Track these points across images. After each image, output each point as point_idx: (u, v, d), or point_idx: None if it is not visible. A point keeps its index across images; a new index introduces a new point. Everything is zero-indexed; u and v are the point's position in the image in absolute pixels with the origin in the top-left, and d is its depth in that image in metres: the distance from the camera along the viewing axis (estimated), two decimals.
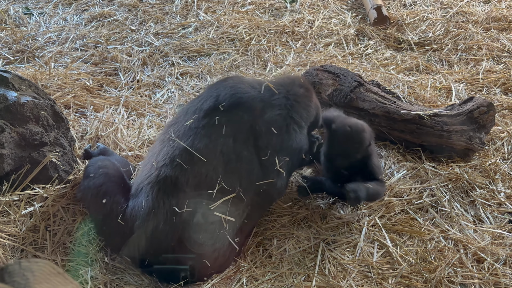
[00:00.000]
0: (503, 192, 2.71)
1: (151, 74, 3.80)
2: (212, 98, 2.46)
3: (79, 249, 2.39)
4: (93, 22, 4.43)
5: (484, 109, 2.93)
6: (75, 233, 2.44)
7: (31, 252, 2.38)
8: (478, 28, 4.12)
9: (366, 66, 3.78)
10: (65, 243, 2.46)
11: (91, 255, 2.38)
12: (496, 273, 2.28)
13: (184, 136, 2.39)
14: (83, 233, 2.43)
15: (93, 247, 2.41)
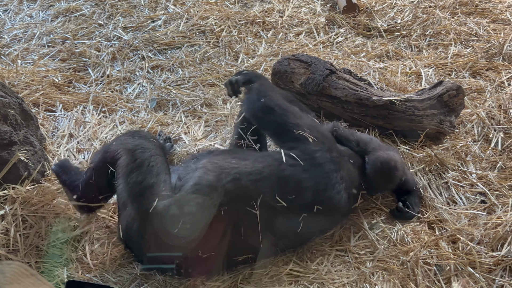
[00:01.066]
0: (475, 174, 2.76)
1: (121, 68, 3.74)
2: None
3: (53, 250, 2.35)
4: (59, 18, 4.33)
5: (453, 93, 2.96)
6: (48, 234, 2.39)
7: (4, 255, 2.32)
8: (445, 13, 4.17)
9: (337, 54, 3.79)
10: (38, 246, 2.41)
11: (66, 255, 2.34)
12: (471, 252, 2.32)
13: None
14: (57, 233, 2.38)
15: (67, 247, 2.36)
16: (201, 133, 3.13)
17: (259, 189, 2.20)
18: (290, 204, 2.21)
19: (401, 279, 2.24)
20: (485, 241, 2.38)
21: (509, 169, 2.76)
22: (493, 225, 2.44)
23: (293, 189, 2.25)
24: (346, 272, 2.28)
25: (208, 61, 3.80)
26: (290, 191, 2.24)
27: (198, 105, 3.36)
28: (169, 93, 3.47)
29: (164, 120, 3.25)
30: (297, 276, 2.26)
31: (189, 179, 2.23)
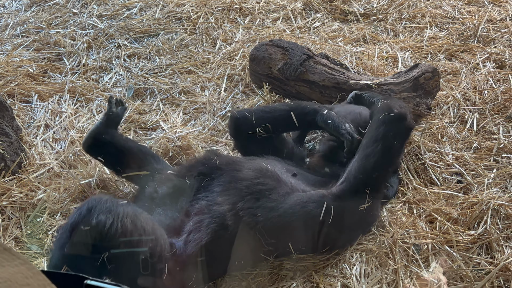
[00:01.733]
0: (451, 154, 2.79)
1: (97, 57, 3.70)
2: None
3: (33, 241, 2.33)
4: (33, 7, 4.27)
5: (429, 75, 2.99)
6: (27, 224, 2.37)
7: None
8: None
9: (315, 39, 3.79)
10: (18, 237, 2.39)
11: (46, 246, 2.32)
12: (448, 231, 2.36)
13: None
14: (36, 223, 2.36)
15: (48, 237, 2.35)
16: (180, 121, 3.11)
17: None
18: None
19: (380, 258, 2.28)
20: (462, 220, 2.42)
21: (485, 149, 2.81)
22: (469, 204, 2.48)
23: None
24: (327, 255, 2.30)
25: (185, 49, 3.77)
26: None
27: (176, 93, 3.34)
28: (147, 81, 3.44)
29: (142, 108, 3.22)
30: (280, 264, 2.28)
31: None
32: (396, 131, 2.27)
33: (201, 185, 2.15)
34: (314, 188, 2.24)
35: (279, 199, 2.11)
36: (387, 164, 2.28)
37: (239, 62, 3.54)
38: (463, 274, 2.20)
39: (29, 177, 2.61)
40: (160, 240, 1.90)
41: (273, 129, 2.54)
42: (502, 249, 2.29)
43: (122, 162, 2.53)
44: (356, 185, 2.19)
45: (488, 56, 3.48)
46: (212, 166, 2.20)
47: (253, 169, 2.18)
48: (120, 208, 1.84)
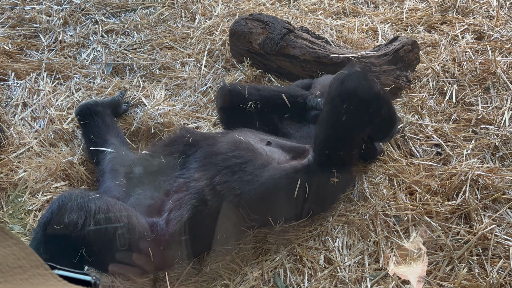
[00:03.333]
0: (430, 126, 2.82)
1: (73, 33, 3.62)
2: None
3: (15, 220, 2.31)
4: None
5: (409, 48, 3.00)
6: (9, 204, 2.35)
7: None
8: None
9: (295, 13, 3.76)
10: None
11: (28, 226, 2.31)
12: (428, 203, 2.40)
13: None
14: (17, 203, 2.34)
15: (30, 217, 2.33)
16: (163, 96, 3.09)
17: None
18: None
19: (361, 230, 2.31)
20: (441, 191, 2.46)
21: (463, 121, 2.84)
22: (448, 176, 2.51)
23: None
24: (309, 228, 2.32)
25: (164, 24, 3.72)
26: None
27: (156, 69, 3.31)
28: (125, 57, 3.39)
29: (121, 85, 3.18)
30: (264, 237, 2.30)
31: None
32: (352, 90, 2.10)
33: (177, 163, 2.14)
34: (288, 156, 2.25)
35: (255, 172, 2.11)
36: (351, 130, 2.19)
37: (219, 37, 3.50)
38: (443, 244, 2.24)
39: (9, 157, 2.58)
40: (137, 227, 1.90)
41: (262, 107, 2.54)
42: (481, 218, 2.34)
43: (98, 136, 2.60)
44: (324, 157, 2.18)
45: (467, 27, 3.50)
46: (186, 143, 2.20)
47: (227, 142, 2.18)
48: (91, 204, 1.83)
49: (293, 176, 2.15)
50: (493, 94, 2.99)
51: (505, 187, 2.46)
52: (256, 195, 2.10)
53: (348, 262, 2.20)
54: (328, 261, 2.22)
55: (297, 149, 2.30)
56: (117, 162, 2.45)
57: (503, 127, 2.78)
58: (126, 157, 2.46)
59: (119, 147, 2.57)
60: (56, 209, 1.81)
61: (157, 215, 2.03)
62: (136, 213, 1.97)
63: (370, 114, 2.19)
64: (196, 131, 2.37)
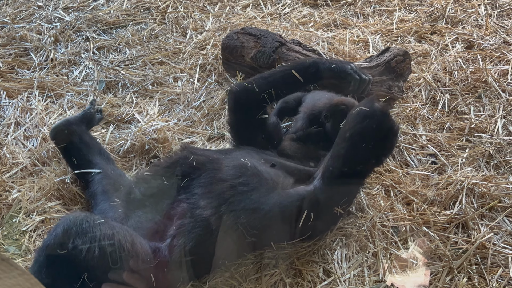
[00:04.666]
0: (424, 135, 2.83)
1: (65, 51, 3.61)
2: None
3: (9, 241, 2.27)
4: None
5: (400, 58, 3.01)
6: (3, 225, 2.31)
7: None
8: None
9: (286, 26, 3.78)
10: None
11: (23, 247, 2.28)
12: (425, 212, 2.39)
13: None
14: (12, 224, 2.30)
15: (25, 238, 2.30)
16: (156, 112, 3.07)
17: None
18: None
19: (360, 242, 2.30)
20: (438, 200, 2.46)
21: (457, 130, 2.85)
22: (444, 185, 2.51)
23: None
24: (308, 242, 2.30)
25: (155, 39, 3.71)
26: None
27: (148, 85, 3.30)
28: (118, 74, 3.38)
29: (114, 101, 3.17)
30: (262, 253, 2.27)
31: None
32: (374, 127, 2.08)
33: (180, 186, 2.11)
34: (292, 179, 2.24)
35: (261, 200, 2.08)
36: (362, 160, 2.16)
37: (211, 51, 3.50)
38: (442, 254, 2.23)
39: (2, 177, 2.54)
40: (140, 254, 1.88)
41: (277, 93, 2.46)
42: (478, 227, 2.34)
43: (80, 157, 2.54)
44: (333, 187, 2.16)
45: (457, 36, 3.52)
46: (190, 165, 2.16)
47: (233, 167, 2.14)
48: (97, 229, 1.80)
49: (298, 204, 2.13)
50: (485, 103, 3.00)
51: (501, 195, 2.46)
52: (261, 223, 2.08)
53: (348, 275, 2.18)
54: (327, 274, 2.20)
55: (301, 171, 2.28)
56: (107, 183, 2.41)
57: (497, 135, 2.80)
58: (116, 176, 2.42)
59: (105, 166, 2.51)
60: (60, 233, 1.78)
61: (159, 239, 2.00)
62: (140, 239, 1.94)
63: (388, 149, 2.21)
64: (199, 150, 2.31)
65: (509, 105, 2.96)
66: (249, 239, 2.09)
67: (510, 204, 2.43)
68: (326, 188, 2.13)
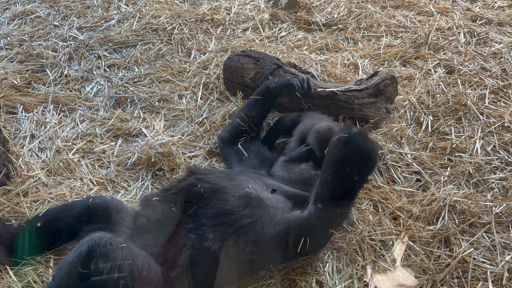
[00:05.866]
0: (409, 154, 2.77)
1: (78, 68, 3.53)
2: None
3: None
4: (15, 20, 4.05)
5: (388, 82, 2.96)
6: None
7: None
8: (376, 7, 4.15)
9: (282, 48, 3.71)
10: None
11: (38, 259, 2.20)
12: (410, 227, 2.33)
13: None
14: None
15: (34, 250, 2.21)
16: (162, 127, 3.00)
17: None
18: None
19: (350, 255, 2.23)
20: (422, 216, 2.40)
21: (439, 149, 2.79)
22: (428, 201, 2.46)
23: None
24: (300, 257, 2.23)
25: (162, 58, 3.64)
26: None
27: (155, 101, 3.22)
28: (127, 90, 3.30)
29: (123, 116, 3.09)
30: None
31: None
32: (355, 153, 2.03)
33: (188, 214, 2.04)
34: (290, 203, 2.17)
35: (264, 230, 2.02)
36: (349, 183, 2.09)
37: (213, 71, 3.43)
38: (426, 267, 2.17)
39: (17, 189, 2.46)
40: (154, 281, 1.81)
41: (250, 118, 2.69)
42: (459, 242, 2.28)
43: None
44: (325, 212, 2.10)
45: (439, 62, 3.47)
46: (197, 193, 2.08)
47: (239, 198, 2.06)
48: (118, 253, 1.74)
49: (296, 232, 2.08)
50: (465, 124, 2.95)
51: (480, 212, 2.41)
52: (263, 251, 2.03)
53: (339, 286, 2.12)
54: (320, 284, 2.14)
55: (298, 196, 2.22)
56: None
57: (475, 155, 2.74)
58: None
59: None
60: (84, 252, 1.71)
61: (167, 267, 1.92)
62: (155, 265, 1.87)
63: (371, 167, 2.18)
64: (206, 176, 2.19)
65: (486, 127, 2.91)
66: (251, 265, 2.03)
67: (488, 221, 2.38)
68: (319, 214, 2.07)
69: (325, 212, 2.07)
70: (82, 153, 2.82)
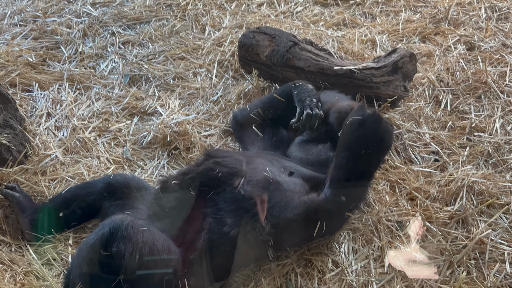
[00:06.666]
0: (428, 134, 2.73)
1: (92, 45, 3.52)
2: None
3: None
4: None
5: (407, 59, 2.90)
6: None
7: None
8: None
9: (298, 24, 3.65)
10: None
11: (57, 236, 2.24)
12: (428, 208, 2.32)
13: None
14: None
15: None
16: (177, 105, 2.99)
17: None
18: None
19: (366, 236, 2.23)
20: (440, 197, 2.38)
21: (458, 128, 2.75)
22: (446, 182, 2.43)
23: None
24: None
25: (176, 35, 3.61)
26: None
27: (170, 79, 3.21)
28: (141, 68, 3.29)
29: (138, 94, 3.09)
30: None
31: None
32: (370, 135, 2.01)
33: (206, 198, 2.04)
34: (307, 186, 2.17)
35: (281, 215, 2.02)
36: (364, 166, 2.08)
37: (228, 48, 3.39)
38: (443, 248, 2.17)
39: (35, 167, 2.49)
40: (174, 263, 1.83)
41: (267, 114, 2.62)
42: (477, 223, 2.26)
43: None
44: (340, 196, 2.10)
45: (459, 38, 3.39)
46: (215, 177, 2.08)
47: (257, 182, 2.06)
48: (139, 236, 1.75)
49: (313, 217, 2.08)
50: (484, 103, 2.90)
51: (499, 192, 2.38)
52: (280, 235, 2.05)
53: (355, 266, 2.13)
54: (336, 265, 2.15)
55: (316, 179, 2.21)
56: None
57: (495, 134, 2.70)
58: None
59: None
60: (106, 235, 1.73)
61: (187, 251, 1.94)
62: (174, 248, 1.90)
63: (386, 148, 2.15)
64: (224, 158, 2.18)
65: (507, 106, 2.85)
66: (269, 248, 2.04)
67: (507, 202, 2.35)
68: (334, 198, 2.07)
69: (340, 195, 2.06)
70: (98, 131, 2.83)
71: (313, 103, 2.48)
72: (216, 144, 2.74)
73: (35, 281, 2.06)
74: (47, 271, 2.10)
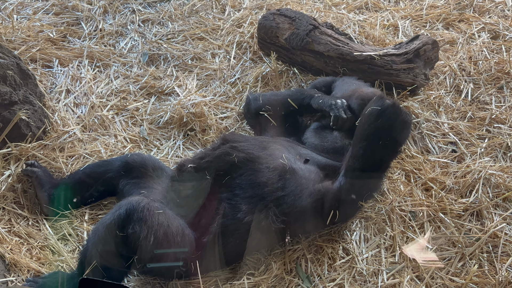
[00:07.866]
0: (446, 123, 2.69)
1: (113, 22, 3.52)
2: None
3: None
4: None
5: (429, 47, 2.84)
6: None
7: (12, 211, 2.25)
8: None
9: (319, 6, 3.60)
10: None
11: (74, 212, 2.28)
12: (442, 200, 2.30)
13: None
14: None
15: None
16: (195, 86, 2.99)
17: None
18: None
19: (378, 225, 2.23)
20: (456, 188, 2.36)
21: (478, 119, 2.70)
22: (462, 174, 2.40)
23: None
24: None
25: (196, 14, 3.59)
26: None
27: (188, 59, 3.20)
28: (160, 47, 3.29)
29: (156, 74, 3.10)
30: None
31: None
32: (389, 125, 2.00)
33: (222, 182, 2.05)
34: (322, 173, 2.16)
35: (296, 203, 2.03)
36: (380, 156, 2.06)
37: (247, 30, 3.37)
38: (455, 240, 2.16)
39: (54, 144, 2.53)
40: (188, 245, 1.86)
41: (277, 111, 2.56)
42: (492, 216, 2.24)
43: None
44: (355, 186, 2.08)
45: (483, 26, 3.31)
46: (231, 163, 2.08)
47: (273, 169, 2.06)
48: (155, 219, 1.79)
49: (328, 206, 2.08)
50: (506, 94, 2.84)
51: None
52: (293, 222, 2.06)
53: (366, 255, 2.13)
54: (346, 252, 2.16)
55: (331, 167, 2.20)
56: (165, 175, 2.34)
57: None
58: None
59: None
60: (122, 216, 1.77)
61: (200, 232, 1.97)
62: (188, 231, 1.93)
63: (403, 139, 2.15)
64: (240, 143, 2.17)
65: None
66: (282, 235, 2.05)
67: None
68: (349, 187, 2.06)
69: (355, 185, 2.05)
70: (116, 110, 2.85)
71: (344, 105, 2.42)
72: (232, 127, 2.74)
73: (51, 255, 2.11)
74: (63, 246, 2.15)
